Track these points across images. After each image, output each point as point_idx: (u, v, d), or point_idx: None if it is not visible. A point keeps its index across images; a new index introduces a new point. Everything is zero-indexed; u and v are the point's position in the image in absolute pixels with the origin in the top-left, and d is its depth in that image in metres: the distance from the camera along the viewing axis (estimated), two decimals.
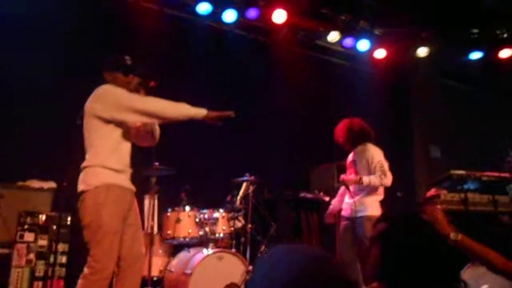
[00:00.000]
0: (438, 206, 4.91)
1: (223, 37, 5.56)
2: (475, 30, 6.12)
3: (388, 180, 3.63)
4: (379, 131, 6.37)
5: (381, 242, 1.47)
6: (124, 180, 2.66)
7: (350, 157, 3.90)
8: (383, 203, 3.80)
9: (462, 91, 7.20)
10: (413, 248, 1.40)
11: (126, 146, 2.72)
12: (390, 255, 1.42)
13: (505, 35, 6.09)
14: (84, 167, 2.61)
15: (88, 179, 2.56)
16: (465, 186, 5.01)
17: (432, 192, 5.26)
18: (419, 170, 6.80)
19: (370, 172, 3.65)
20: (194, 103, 3.04)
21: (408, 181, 6.63)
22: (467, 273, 3.58)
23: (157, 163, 3.76)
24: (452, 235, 1.75)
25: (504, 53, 6.23)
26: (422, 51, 6.34)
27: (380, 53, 6.29)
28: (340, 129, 3.80)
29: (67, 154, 3.56)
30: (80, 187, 2.58)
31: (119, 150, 2.66)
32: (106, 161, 2.58)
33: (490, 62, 6.38)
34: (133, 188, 2.72)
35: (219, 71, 5.38)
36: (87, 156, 2.64)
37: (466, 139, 6.71)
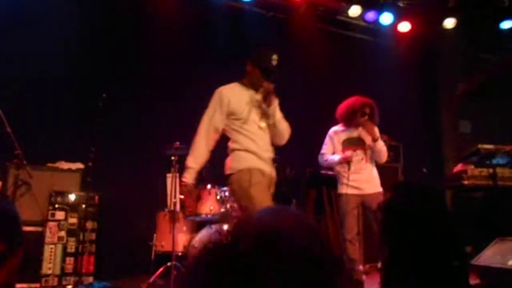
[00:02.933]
0: (465, 182, 4.78)
1: (242, 16, 5.52)
2: None
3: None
4: (406, 106, 6.27)
5: (383, 210, 1.47)
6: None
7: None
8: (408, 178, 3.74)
9: (492, 63, 6.90)
10: (413, 217, 1.37)
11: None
12: (391, 222, 1.41)
13: None
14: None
15: None
16: (494, 161, 4.86)
17: (458, 167, 5.14)
18: (447, 146, 6.63)
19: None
20: (213, 82, 3.10)
21: (435, 156, 6.49)
22: (495, 248, 3.50)
23: (178, 143, 3.85)
24: None
25: None
26: (450, 22, 6.09)
27: (405, 26, 6.10)
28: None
29: (92, 137, 3.70)
30: None
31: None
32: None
33: None
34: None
35: (238, 50, 5.36)
36: None
37: (497, 114, 6.47)
